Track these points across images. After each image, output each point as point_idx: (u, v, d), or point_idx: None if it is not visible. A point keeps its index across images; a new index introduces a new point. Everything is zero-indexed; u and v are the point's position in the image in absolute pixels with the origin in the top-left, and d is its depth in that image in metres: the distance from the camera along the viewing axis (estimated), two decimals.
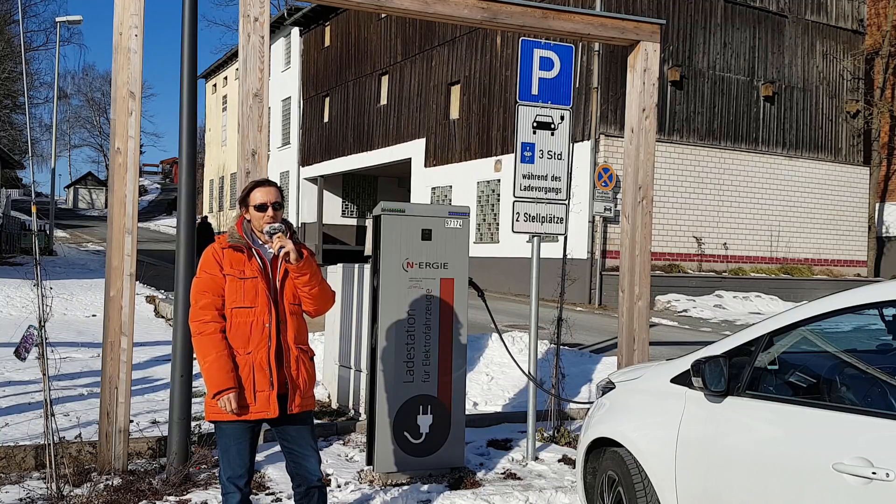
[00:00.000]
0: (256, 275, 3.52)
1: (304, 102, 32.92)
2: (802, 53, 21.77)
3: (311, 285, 3.55)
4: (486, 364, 8.64)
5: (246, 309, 3.50)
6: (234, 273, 3.52)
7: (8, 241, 25.81)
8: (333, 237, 31.72)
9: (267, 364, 3.50)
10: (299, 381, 3.58)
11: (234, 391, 3.42)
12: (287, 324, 3.56)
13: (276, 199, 3.60)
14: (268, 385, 3.50)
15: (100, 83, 74.10)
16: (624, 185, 6.44)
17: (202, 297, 3.51)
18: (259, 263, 3.55)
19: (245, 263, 3.54)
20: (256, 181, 3.68)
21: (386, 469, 5.23)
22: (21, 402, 6.99)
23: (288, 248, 3.45)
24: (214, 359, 3.44)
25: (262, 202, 3.58)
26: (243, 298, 3.50)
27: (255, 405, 3.49)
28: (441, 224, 5.32)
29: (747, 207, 20.57)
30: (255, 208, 3.58)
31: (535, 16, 5.93)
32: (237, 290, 3.51)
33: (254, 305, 3.50)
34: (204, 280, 3.54)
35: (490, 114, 21.60)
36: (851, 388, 3.04)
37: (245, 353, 3.49)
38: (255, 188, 3.63)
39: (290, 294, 3.58)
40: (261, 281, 3.52)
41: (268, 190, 3.61)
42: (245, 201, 3.64)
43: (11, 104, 40.13)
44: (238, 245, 3.56)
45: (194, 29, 5.41)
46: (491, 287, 18.81)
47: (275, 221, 3.55)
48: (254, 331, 3.50)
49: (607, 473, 3.97)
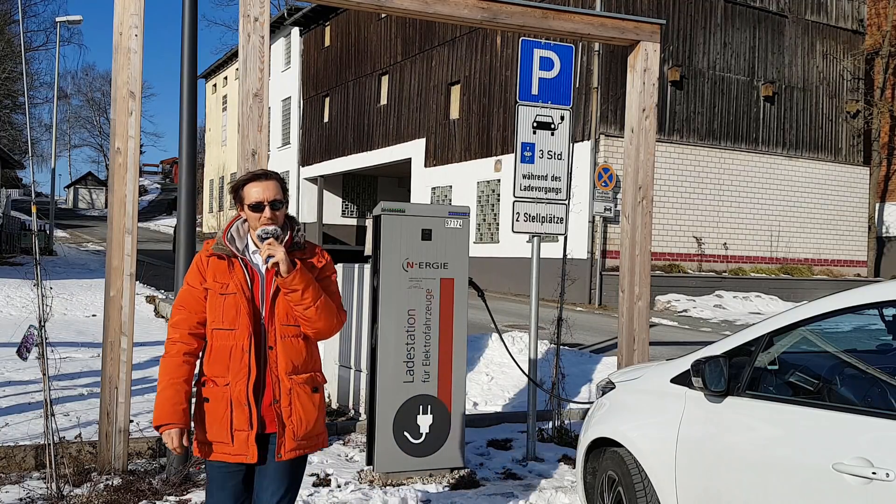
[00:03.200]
0: (237, 290, 2.93)
1: (304, 102, 32.92)
2: (802, 53, 21.77)
3: (304, 304, 2.91)
4: (486, 364, 8.64)
5: (226, 331, 2.93)
6: (216, 287, 2.96)
7: (8, 241, 25.81)
8: (333, 237, 31.72)
9: (245, 399, 2.91)
10: (293, 420, 2.94)
11: (174, 428, 2.89)
12: (278, 350, 2.94)
13: (276, 195, 2.97)
14: (246, 424, 2.90)
15: (100, 83, 74.17)
16: (624, 185, 6.44)
17: (176, 312, 3.02)
18: (244, 276, 2.96)
19: (227, 276, 2.96)
20: (252, 173, 3.02)
21: (386, 469, 5.23)
22: (21, 402, 6.99)
23: (277, 258, 2.84)
24: (164, 387, 2.94)
25: (256, 200, 2.95)
26: (223, 318, 2.94)
27: (232, 446, 2.92)
28: (441, 224, 5.32)
29: (747, 207, 20.57)
30: (250, 208, 2.96)
31: (535, 16, 5.93)
32: (217, 308, 2.95)
33: (233, 328, 2.92)
34: (182, 293, 3.03)
35: (490, 114, 21.60)
36: (851, 388, 3.04)
37: (223, 385, 2.93)
38: (248, 182, 2.99)
39: (285, 314, 2.95)
40: (241, 297, 2.91)
41: (265, 185, 2.97)
42: (238, 198, 3.02)
43: (11, 104, 40.12)
44: (221, 253, 2.99)
45: (194, 29, 5.41)
46: (491, 287, 18.82)
47: (273, 223, 2.95)
48: (233, 358, 2.92)
49: (607, 473, 3.97)
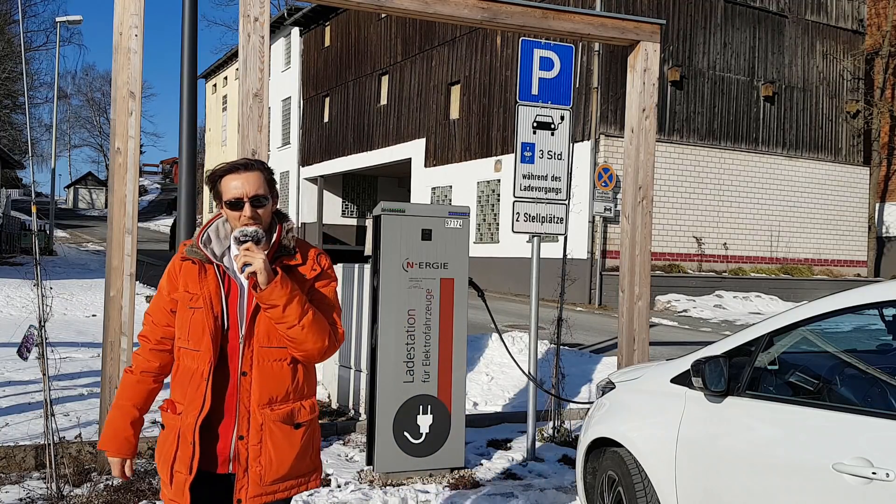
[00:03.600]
0: (205, 304, 2.47)
1: (304, 102, 32.92)
2: (802, 53, 21.77)
3: (287, 322, 2.42)
4: (486, 364, 8.64)
5: (191, 351, 2.49)
6: (185, 298, 2.51)
7: (8, 241, 25.82)
8: (333, 237, 31.73)
9: (192, 435, 2.42)
10: (261, 461, 2.46)
11: (113, 456, 2.58)
12: (253, 377, 2.47)
13: (258, 189, 2.47)
14: (187, 466, 2.43)
15: (100, 83, 74.21)
16: (624, 185, 6.44)
17: (145, 321, 2.63)
18: (217, 286, 2.50)
19: (198, 286, 2.51)
20: (231, 163, 2.53)
21: (386, 469, 5.23)
22: (21, 402, 6.99)
23: (254, 267, 2.36)
24: (114, 408, 2.62)
25: (235, 196, 2.46)
26: (189, 336, 2.49)
27: (169, 489, 2.48)
28: (441, 224, 5.33)
29: (747, 207, 20.57)
30: (228, 205, 2.49)
31: (535, 16, 5.93)
32: (185, 324, 2.51)
33: (198, 348, 2.47)
34: (153, 300, 2.64)
35: (490, 114, 21.60)
36: (851, 388, 3.04)
37: (177, 413, 2.51)
38: (226, 174, 2.50)
39: (266, 334, 2.48)
40: (208, 313, 2.46)
41: (245, 178, 2.47)
42: (216, 193, 2.54)
43: (11, 104, 40.15)
44: (193, 258, 2.54)
45: (194, 29, 5.42)
46: (491, 287, 18.82)
47: (255, 223, 2.47)
48: (192, 383, 2.48)
49: (607, 473, 3.97)
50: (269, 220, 2.54)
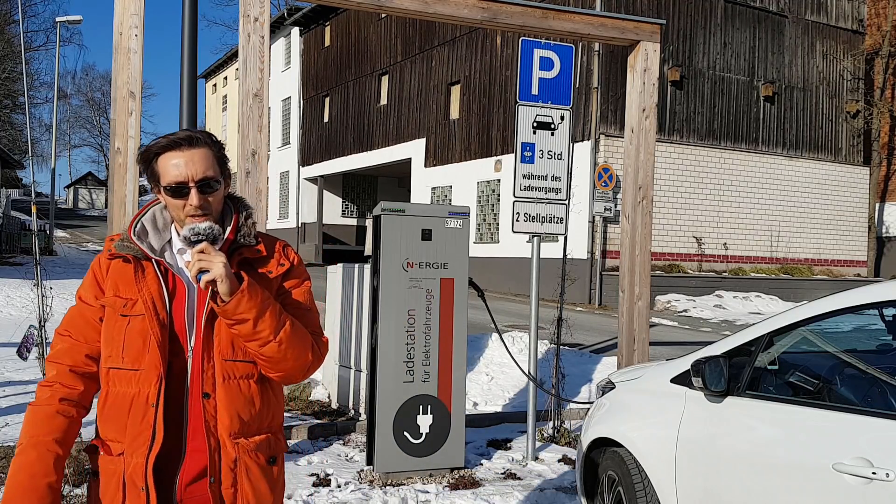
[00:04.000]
0: (146, 310, 1.93)
1: (304, 102, 32.93)
2: (802, 53, 21.77)
3: (260, 338, 1.92)
4: (486, 364, 8.64)
5: (127, 372, 1.93)
6: (116, 304, 1.97)
7: (8, 241, 25.82)
8: (333, 237, 31.74)
9: (143, 479, 1.88)
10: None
11: None
12: (219, 399, 1.95)
13: (207, 171, 1.94)
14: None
15: (100, 83, 74.17)
16: (624, 185, 6.44)
17: (58, 340, 2.04)
18: (158, 287, 1.96)
19: (134, 287, 1.96)
20: (170, 137, 1.97)
21: (386, 469, 5.23)
22: (21, 402, 6.98)
23: (214, 274, 1.85)
24: (22, 449, 1.92)
25: (177, 180, 1.93)
26: (124, 352, 1.93)
27: None
28: (441, 224, 5.33)
29: (747, 207, 20.58)
30: (169, 191, 1.96)
31: (535, 16, 5.93)
32: (116, 337, 1.95)
33: (138, 367, 1.91)
34: (69, 313, 2.07)
35: (490, 114, 21.60)
36: (851, 388, 3.04)
37: (117, 454, 1.93)
38: (164, 151, 1.96)
39: (228, 343, 1.97)
40: (152, 321, 1.92)
41: (189, 157, 1.94)
42: (152, 175, 1.99)
43: (11, 104, 40.17)
44: (126, 254, 2.00)
45: (194, 29, 5.41)
46: (491, 287, 18.82)
47: (205, 215, 1.96)
48: (133, 413, 1.91)
49: (607, 473, 3.97)
50: (220, 208, 2.04)
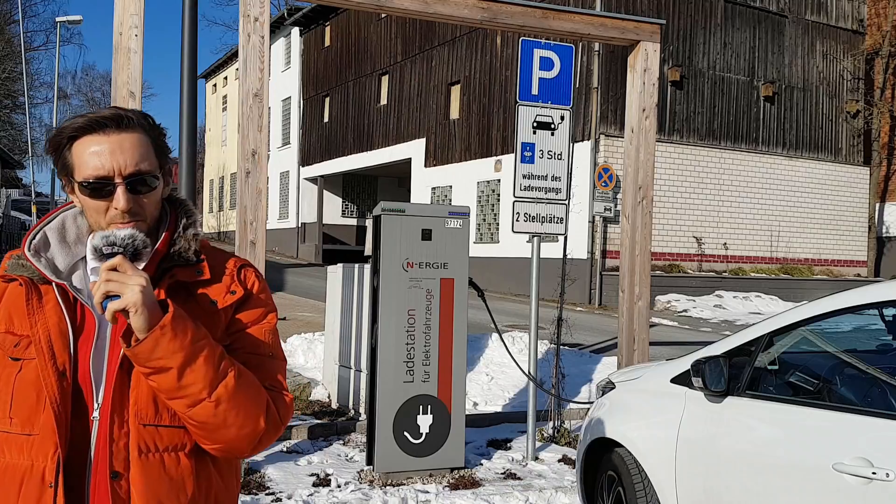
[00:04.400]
0: (41, 352, 1.44)
1: (304, 102, 32.93)
2: (802, 53, 21.77)
3: (187, 395, 1.40)
4: (486, 364, 8.63)
5: (18, 437, 1.44)
6: (6, 343, 1.48)
7: (8, 241, 25.84)
8: (333, 237, 31.74)
9: None
10: None
11: None
12: (133, 482, 1.42)
13: (140, 163, 1.46)
14: None
15: (100, 83, 74.01)
16: (624, 185, 6.44)
17: None
18: (59, 321, 1.46)
19: (27, 321, 1.47)
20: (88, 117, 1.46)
21: (386, 469, 5.23)
22: None
23: (127, 301, 1.35)
24: None
25: (97, 174, 1.45)
26: (11, 409, 1.45)
27: None
28: (441, 224, 5.33)
29: (747, 207, 20.57)
30: (86, 189, 1.46)
31: (535, 16, 5.93)
32: (3, 388, 1.47)
33: (29, 431, 1.43)
34: None
35: (490, 114, 21.60)
36: (851, 388, 3.04)
37: None
38: (82, 135, 1.45)
39: (149, 403, 1.45)
40: (48, 367, 1.43)
41: (115, 142, 1.45)
42: (64, 167, 1.48)
43: (11, 104, 40.18)
44: (19, 276, 1.51)
45: (194, 29, 5.42)
46: (491, 287, 18.81)
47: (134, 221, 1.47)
48: (25, 494, 1.41)
49: (607, 473, 3.97)
50: (157, 213, 1.54)
